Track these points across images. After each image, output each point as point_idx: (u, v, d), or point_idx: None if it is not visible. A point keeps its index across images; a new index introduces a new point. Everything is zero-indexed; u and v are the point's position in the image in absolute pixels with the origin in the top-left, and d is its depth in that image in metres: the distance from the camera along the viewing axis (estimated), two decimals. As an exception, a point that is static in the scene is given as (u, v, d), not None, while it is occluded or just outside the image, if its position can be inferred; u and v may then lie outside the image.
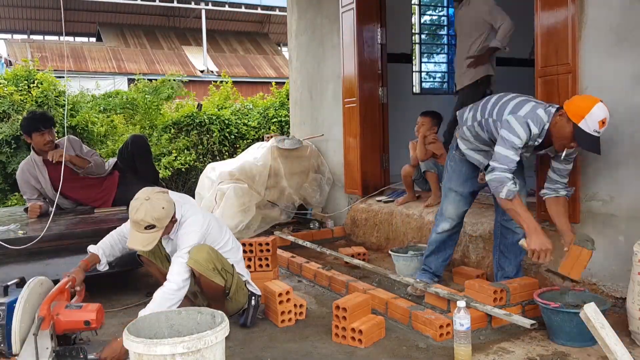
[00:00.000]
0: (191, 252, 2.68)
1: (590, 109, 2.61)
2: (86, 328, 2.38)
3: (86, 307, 2.40)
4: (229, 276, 2.86)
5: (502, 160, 2.75)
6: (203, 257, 2.70)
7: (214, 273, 2.74)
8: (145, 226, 2.59)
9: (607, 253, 3.04)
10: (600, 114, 2.61)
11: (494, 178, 2.77)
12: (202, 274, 2.70)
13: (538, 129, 2.74)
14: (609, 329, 2.16)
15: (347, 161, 5.31)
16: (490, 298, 2.79)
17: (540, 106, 2.80)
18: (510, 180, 2.74)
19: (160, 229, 2.63)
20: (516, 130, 2.73)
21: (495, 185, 2.77)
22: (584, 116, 2.61)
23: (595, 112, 2.61)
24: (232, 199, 4.95)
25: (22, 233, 3.38)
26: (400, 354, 2.57)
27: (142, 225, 2.59)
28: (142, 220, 2.58)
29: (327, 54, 5.72)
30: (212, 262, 2.73)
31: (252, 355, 2.60)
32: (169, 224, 2.70)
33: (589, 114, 2.61)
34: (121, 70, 17.09)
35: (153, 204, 2.60)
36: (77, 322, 2.37)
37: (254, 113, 8.70)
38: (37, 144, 4.13)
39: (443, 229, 3.32)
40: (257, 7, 19.58)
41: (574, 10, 3.07)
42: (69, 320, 2.36)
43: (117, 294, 3.61)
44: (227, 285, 2.87)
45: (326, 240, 5.04)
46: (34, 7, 18.07)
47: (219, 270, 2.78)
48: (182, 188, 7.59)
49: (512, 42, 4.48)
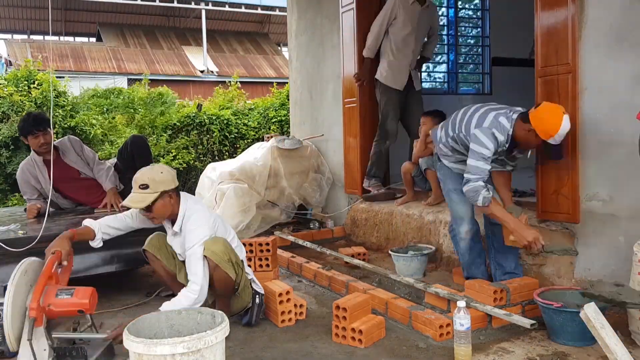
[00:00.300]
0: (207, 243, 2.76)
1: (559, 128, 2.78)
2: (80, 315, 2.37)
3: (77, 293, 2.36)
4: (240, 271, 2.90)
5: (475, 171, 2.94)
6: (219, 249, 2.77)
7: (229, 265, 2.80)
8: (140, 184, 2.76)
9: (608, 253, 3.04)
10: (566, 127, 2.80)
11: (469, 189, 2.96)
12: (218, 264, 2.75)
13: (503, 136, 2.94)
14: (609, 329, 2.16)
15: (347, 161, 5.31)
16: (491, 298, 2.79)
17: (502, 114, 2.98)
18: (484, 188, 2.92)
19: (153, 191, 2.75)
20: (484, 142, 2.93)
21: (472, 195, 2.96)
22: (553, 136, 2.80)
23: (563, 130, 2.79)
24: (233, 199, 4.95)
25: (22, 233, 3.38)
26: (400, 354, 2.57)
27: (138, 184, 2.77)
28: (139, 178, 2.78)
29: (327, 54, 5.72)
30: (228, 253, 2.80)
31: (252, 355, 2.60)
32: (166, 198, 2.79)
33: (557, 133, 2.79)
34: (121, 70, 17.10)
35: (154, 168, 2.87)
36: (71, 311, 2.36)
37: (254, 113, 8.71)
38: (32, 146, 4.12)
39: (466, 231, 3.28)
40: (257, 7, 19.59)
41: (574, 10, 3.07)
42: (61, 310, 2.34)
43: (117, 293, 3.61)
44: (237, 279, 2.90)
45: (326, 240, 5.04)
46: (34, 7, 18.07)
47: (233, 262, 2.83)
48: (182, 188, 7.59)
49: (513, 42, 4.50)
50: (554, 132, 2.78)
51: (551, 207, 3.27)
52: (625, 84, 2.92)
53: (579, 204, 3.14)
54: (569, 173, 3.16)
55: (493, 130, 2.93)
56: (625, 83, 2.92)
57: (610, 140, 2.99)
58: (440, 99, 7.22)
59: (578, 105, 3.10)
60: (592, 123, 3.06)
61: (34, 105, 6.92)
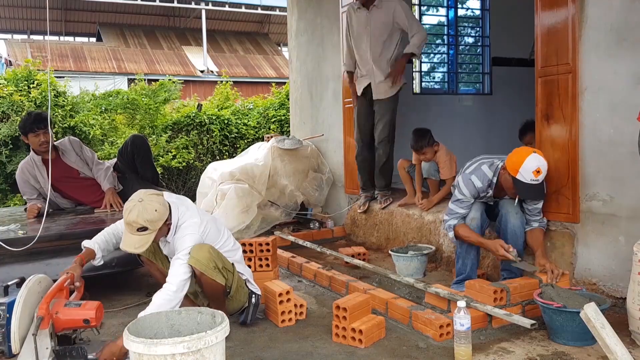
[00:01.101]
0: (192, 251, 2.68)
1: (523, 162, 2.95)
2: (86, 326, 2.38)
3: (85, 305, 2.40)
4: (230, 275, 2.86)
5: (449, 212, 3.29)
6: (204, 256, 2.69)
7: (215, 272, 2.74)
8: (138, 228, 2.59)
9: (607, 253, 3.04)
10: (532, 165, 2.94)
11: (444, 227, 3.33)
12: (203, 272, 2.69)
13: (482, 183, 3.17)
14: (609, 329, 2.16)
15: (347, 161, 5.31)
16: (491, 298, 2.79)
17: (486, 163, 3.21)
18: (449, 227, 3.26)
19: (152, 231, 2.63)
20: (461, 188, 3.22)
21: (446, 233, 3.33)
22: (518, 170, 2.96)
23: (527, 164, 2.94)
24: (234, 200, 4.95)
25: (22, 233, 3.38)
26: (401, 354, 2.57)
27: (135, 227, 2.60)
28: (134, 222, 2.58)
29: (327, 54, 5.72)
30: (213, 260, 2.73)
31: (253, 355, 2.60)
32: (163, 227, 2.69)
33: (522, 167, 2.95)
34: (121, 70, 17.11)
35: (146, 206, 2.59)
36: (77, 321, 2.37)
37: (253, 113, 8.71)
38: (32, 144, 4.15)
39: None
40: (257, 7, 19.61)
41: (574, 10, 3.07)
42: (68, 318, 2.36)
43: (118, 294, 3.61)
44: (228, 284, 2.86)
45: (326, 240, 5.04)
46: (34, 7, 18.08)
47: (220, 269, 2.77)
48: (182, 188, 7.60)
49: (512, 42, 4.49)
50: (518, 165, 2.95)
51: (551, 207, 3.27)
52: (625, 83, 2.92)
53: (579, 204, 3.14)
54: (568, 173, 3.16)
55: (471, 177, 3.18)
56: (625, 83, 2.92)
57: (610, 140, 2.99)
58: (440, 99, 7.24)
59: (578, 105, 3.10)
60: (592, 123, 3.06)
61: (33, 105, 6.93)
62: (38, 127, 4.07)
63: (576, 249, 3.19)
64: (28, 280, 2.35)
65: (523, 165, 2.94)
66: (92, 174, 4.30)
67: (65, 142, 4.34)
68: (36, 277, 2.41)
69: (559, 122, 3.20)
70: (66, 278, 2.49)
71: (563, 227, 3.26)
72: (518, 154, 3.02)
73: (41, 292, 2.39)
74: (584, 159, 3.10)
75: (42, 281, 2.44)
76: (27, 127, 4.10)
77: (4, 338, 2.26)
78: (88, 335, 2.60)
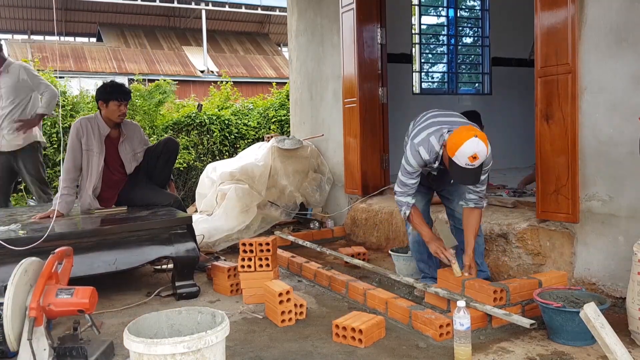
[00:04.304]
0: None
1: (461, 146, 2.72)
2: (81, 314, 2.38)
3: (77, 293, 2.36)
4: None
5: (399, 184, 3.10)
6: None
7: None
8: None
9: (607, 253, 3.04)
10: (469, 151, 2.71)
11: (397, 200, 3.15)
12: None
13: (429, 155, 2.95)
14: (609, 329, 2.16)
15: (347, 161, 5.31)
16: (490, 298, 2.79)
17: (434, 133, 2.96)
18: (404, 204, 3.10)
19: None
20: (408, 158, 3.01)
21: (399, 206, 3.16)
22: (454, 152, 2.75)
23: (464, 148, 2.71)
24: (234, 200, 4.95)
25: (23, 233, 3.38)
26: (400, 353, 2.58)
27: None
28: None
29: (327, 54, 5.72)
30: None
31: (253, 355, 2.60)
32: None
33: (458, 150, 2.73)
34: (121, 70, 17.10)
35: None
36: (71, 311, 2.36)
37: (254, 113, 8.71)
38: (110, 112, 4.08)
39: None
40: (257, 7, 19.60)
41: (573, 10, 3.07)
42: (61, 310, 2.35)
43: (118, 293, 3.62)
44: None
45: (326, 240, 5.04)
46: (34, 7, 18.08)
47: None
48: (182, 188, 7.60)
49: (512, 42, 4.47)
50: (456, 147, 2.73)
51: (551, 207, 3.27)
52: (624, 83, 2.92)
53: (579, 204, 3.14)
54: (568, 173, 3.16)
55: (419, 148, 2.96)
56: (624, 83, 2.92)
57: (609, 140, 2.99)
58: (440, 99, 7.24)
59: (578, 105, 3.10)
60: (591, 123, 3.07)
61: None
62: (124, 98, 4.08)
63: (575, 248, 3.20)
64: (12, 275, 2.28)
65: (460, 149, 2.72)
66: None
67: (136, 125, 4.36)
68: (20, 269, 2.32)
69: (558, 122, 3.20)
70: (53, 260, 2.45)
71: (562, 227, 3.26)
72: (459, 134, 2.78)
73: (29, 281, 2.35)
74: (583, 158, 3.11)
75: (29, 269, 2.37)
76: (115, 93, 4.06)
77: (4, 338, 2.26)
78: (88, 335, 2.60)
